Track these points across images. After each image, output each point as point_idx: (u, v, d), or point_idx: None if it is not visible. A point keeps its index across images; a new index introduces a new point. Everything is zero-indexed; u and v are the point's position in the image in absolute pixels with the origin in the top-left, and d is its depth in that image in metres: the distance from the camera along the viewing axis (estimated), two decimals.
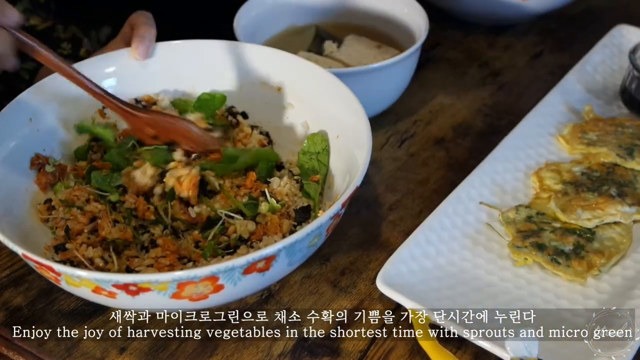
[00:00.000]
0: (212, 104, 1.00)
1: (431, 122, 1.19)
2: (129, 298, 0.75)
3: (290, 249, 0.77)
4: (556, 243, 0.93)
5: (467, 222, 0.96)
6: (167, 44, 1.03)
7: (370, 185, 1.06)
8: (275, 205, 0.89)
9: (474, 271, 0.91)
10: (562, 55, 1.35)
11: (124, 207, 0.89)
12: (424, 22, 1.17)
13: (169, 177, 0.89)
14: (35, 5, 1.24)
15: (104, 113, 1.00)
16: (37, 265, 0.77)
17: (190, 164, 0.90)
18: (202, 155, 0.91)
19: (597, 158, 1.06)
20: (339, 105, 0.95)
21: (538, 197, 1.01)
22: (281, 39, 1.25)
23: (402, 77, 1.15)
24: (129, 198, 0.89)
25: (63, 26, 1.27)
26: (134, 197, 0.89)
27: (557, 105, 1.15)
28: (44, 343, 0.84)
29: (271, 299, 0.89)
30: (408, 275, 0.88)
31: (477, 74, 1.31)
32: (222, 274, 0.74)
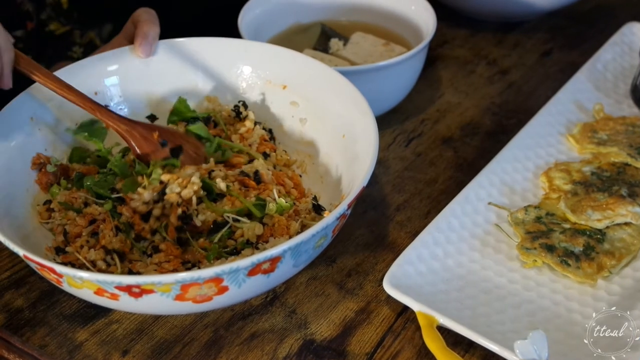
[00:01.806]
0: (180, 110, 1.00)
1: (439, 121, 1.18)
2: (132, 300, 0.74)
3: (296, 250, 0.76)
4: (566, 244, 0.92)
5: (476, 223, 0.96)
6: (170, 42, 1.02)
7: (377, 185, 1.05)
8: (284, 204, 0.88)
9: (482, 273, 0.91)
10: (571, 53, 1.35)
11: (121, 220, 0.87)
12: (432, 19, 1.16)
13: (169, 193, 0.87)
14: (58, 12, 1.25)
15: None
16: (38, 267, 0.76)
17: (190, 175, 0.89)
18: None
19: (607, 158, 1.05)
20: (345, 103, 0.94)
21: (547, 197, 1.00)
22: (286, 36, 1.24)
23: (410, 76, 1.14)
24: (126, 212, 0.87)
25: (80, 32, 1.28)
26: (130, 212, 0.87)
27: (567, 104, 1.15)
28: (46, 346, 0.83)
29: (276, 300, 0.89)
30: (415, 276, 0.87)
31: (485, 72, 1.31)
32: (227, 276, 0.73)
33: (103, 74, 0.99)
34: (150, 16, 1.00)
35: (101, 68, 0.99)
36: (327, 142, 0.97)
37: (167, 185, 0.86)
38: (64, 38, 1.26)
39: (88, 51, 1.25)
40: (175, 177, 0.87)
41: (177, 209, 0.85)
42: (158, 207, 0.86)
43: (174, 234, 0.85)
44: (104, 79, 0.99)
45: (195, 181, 0.87)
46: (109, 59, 1.00)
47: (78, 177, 0.93)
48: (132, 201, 0.86)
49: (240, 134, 0.99)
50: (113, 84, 1.00)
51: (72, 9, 1.26)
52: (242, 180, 0.91)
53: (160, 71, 1.02)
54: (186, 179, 0.87)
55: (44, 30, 1.20)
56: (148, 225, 0.86)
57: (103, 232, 0.85)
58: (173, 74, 1.02)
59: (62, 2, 1.25)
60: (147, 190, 0.86)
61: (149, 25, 0.99)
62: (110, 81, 0.99)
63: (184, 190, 0.86)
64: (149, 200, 0.86)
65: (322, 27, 1.25)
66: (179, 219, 0.85)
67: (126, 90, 1.00)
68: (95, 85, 0.98)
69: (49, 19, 1.23)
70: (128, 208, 0.87)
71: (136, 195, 0.87)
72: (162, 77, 1.02)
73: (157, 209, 0.86)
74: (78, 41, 1.27)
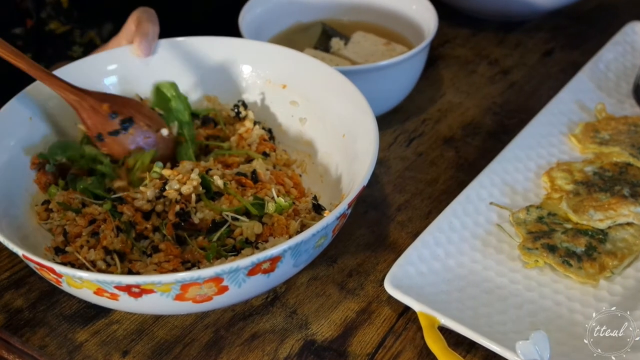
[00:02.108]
0: (163, 94, 1.01)
1: (440, 120, 1.18)
2: (132, 300, 0.74)
3: (296, 250, 0.76)
4: (568, 244, 0.91)
5: (477, 223, 0.95)
6: (170, 41, 1.02)
7: (378, 185, 1.05)
8: (283, 203, 0.88)
9: (484, 273, 0.90)
10: (573, 53, 1.35)
11: (122, 219, 0.87)
12: (433, 18, 1.16)
13: (169, 190, 0.87)
14: (58, 11, 1.25)
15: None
16: (37, 267, 0.76)
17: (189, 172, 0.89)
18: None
19: (609, 157, 1.05)
20: (345, 103, 0.94)
21: (549, 197, 0.99)
22: (287, 36, 1.24)
23: (411, 75, 1.14)
24: (127, 211, 0.87)
25: (81, 31, 1.28)
26: (131, 211, 0.87)
27: (569, 103, 1.14)
28: (45, 346, 0.83)
29: (277, 301, 0.88)
30: (416, 277, 0.87)
31: (487, 71, 1.30)
32: (227, 275, 0.73)
33: (102, 74, 0.99)
34: (150, 15, 0.99)
35: (100, 67, 0.99)
36: (327, 142, 0.97)
37: (167, 181, 0.86)
38: (64, 37, 1.25)
39: (88, 51, 1.25)
40: (176, 172, 0.88)
41: (175, 205, 0.85)
42: (160, 203, 0.87)
43: (172, 231, 0.85)
44: (103, 78, 0.99)
45: (195, 177, 0.87)
46: (108, 58, 1.00)
47: (71, 179, 0.92)
48: (136, 200, 0.87)
49: (240, 134, 0.99)
50: (112, 84, 0.99)
51: (72, 8, 1.26)
52: (239, 180, 0.91)
53: (159, 70, 1.01)
54: (186, 175, 0.87)
55: (43, 29, 1.20)
56: (150, 223, 0.86)
57: (104, 233, 0.85)
58: (173, 73, 1.02)
59: (62, 1, 1.24)
60: (149, 188, 0.87)
61: (148, 25, 0.98)
62: (109, 80, 0.99)
63: (183, 186, 0.86)
64: (152, 198, 0.86)
65: (323, 26, 1.25)
66: (176, 215, 0.85)
67: (125, 90, 0.99)
68: (95, 84, 0.97)
69: (49, 17, 1.23)
70: (130, 207, 0.87)
71: (139, 194, 0.87)
72: (161, 76, 1.01)
73: (159, 204, 0.87)
74: (78, 40, 1.27)
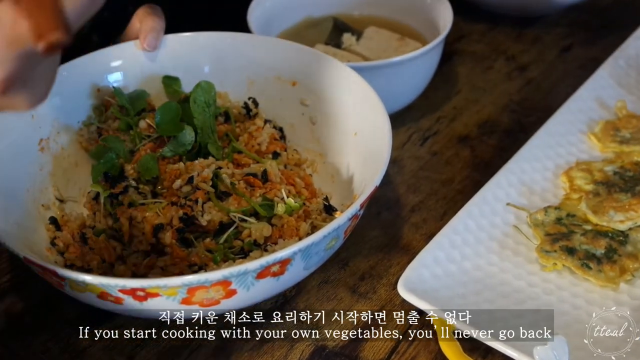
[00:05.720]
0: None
1: (455, 118, 1.17)
2: (137, 304, 0.74)
3: (306, 252, 0.75)
4: (587, 246, 0.90)
5: (494, 224, 0.94)
6: (177, 36, 1.01)
7: (391, 185, 1.04)
8: (293, 204, 0.87)
9: (501, 276, 0.89)
10: (593, 49, 1.34)
11: None
12: (448, 13, 1.15)
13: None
14: (75, 35, 1.24)
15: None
16: (39, 270, 0.75)
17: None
18: None
19: (630, 157, 1.03)
20: (357, 101, 0.93)
21: (568, 197, 0.98)
22: (297, 31, 1.24)
23: (425, 72, 1.13)
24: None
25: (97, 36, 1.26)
26: None
27: (588, 101, 1.13)
28: (48, 351, 0.82)
29: (287, 305, 0.87)
30: (431, 280, 0.86)
31: (503, 68, 1.30)
32: (235, 279, 0.72)
33: (107, 69, 0.98)
34: (154, 10, 0.99)
35: (105, 63, 0.98)
36: (339, 141, 0.96)
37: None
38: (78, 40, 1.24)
39: None
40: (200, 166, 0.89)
41: (179, 210, 0.85)
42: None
43: (175, 236, 0.85)
44: (107, 75, 0.99)
45: (208, 173, 0.87)
46: (113, 53, 0.99)
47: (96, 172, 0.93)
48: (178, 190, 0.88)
49: (249, 132, 0.98)
50: (117, 80, 0.99)
51: (91, 33, 1.25)
52: (247, 180, 0.90)
53: (166, 67, 1.01)
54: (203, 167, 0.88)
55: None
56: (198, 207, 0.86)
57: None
58: (179, 69, 1.01)
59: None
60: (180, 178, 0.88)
61: (153, 18, 0.98)
62: (114, 77, 0.99)
63: (200, 182, 0.87)
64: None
65: (334, 21, 1.24)
66: (180, 220, 0.85)
67: (131, 85, 0.99)
68: (99, 80, 0.98)
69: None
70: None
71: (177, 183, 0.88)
72: (167, 72, 1.01)
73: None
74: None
